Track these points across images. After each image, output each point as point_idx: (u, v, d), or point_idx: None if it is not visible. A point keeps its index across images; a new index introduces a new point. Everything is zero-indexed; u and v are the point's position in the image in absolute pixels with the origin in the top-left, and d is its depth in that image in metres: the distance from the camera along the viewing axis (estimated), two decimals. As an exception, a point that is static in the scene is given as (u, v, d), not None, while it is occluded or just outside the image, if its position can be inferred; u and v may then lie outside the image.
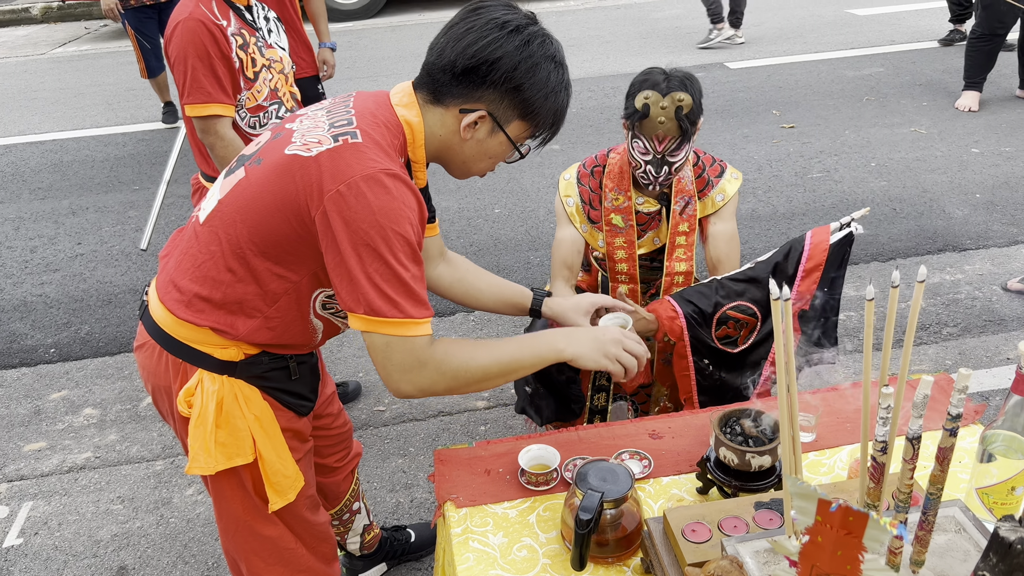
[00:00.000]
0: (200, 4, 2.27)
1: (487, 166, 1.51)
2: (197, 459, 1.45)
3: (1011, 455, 1.34)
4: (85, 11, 10.65)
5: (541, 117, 1.44)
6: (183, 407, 1.45)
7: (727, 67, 6.78)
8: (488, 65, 1.36)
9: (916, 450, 0.95)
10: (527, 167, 5.05)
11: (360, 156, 1.30)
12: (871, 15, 8.09)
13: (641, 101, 2.01)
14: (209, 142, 2.35)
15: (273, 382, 1.51)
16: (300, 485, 1.54)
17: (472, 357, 1.41)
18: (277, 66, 2.47)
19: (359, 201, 1.26)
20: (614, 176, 2.20)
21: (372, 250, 1.27)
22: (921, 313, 3.44)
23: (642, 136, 2.04)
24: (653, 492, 1.54)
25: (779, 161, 4.96)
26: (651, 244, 2.24)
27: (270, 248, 1.37)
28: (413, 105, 1.43)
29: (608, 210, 2.20)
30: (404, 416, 3.06)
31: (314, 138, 1.35)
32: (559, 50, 1.44)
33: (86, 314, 3.84)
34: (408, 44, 8.19)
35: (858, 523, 0.74)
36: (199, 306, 1.42)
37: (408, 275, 1.30)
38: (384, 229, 1.27)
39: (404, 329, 1.31)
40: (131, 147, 5.88)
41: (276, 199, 1.34)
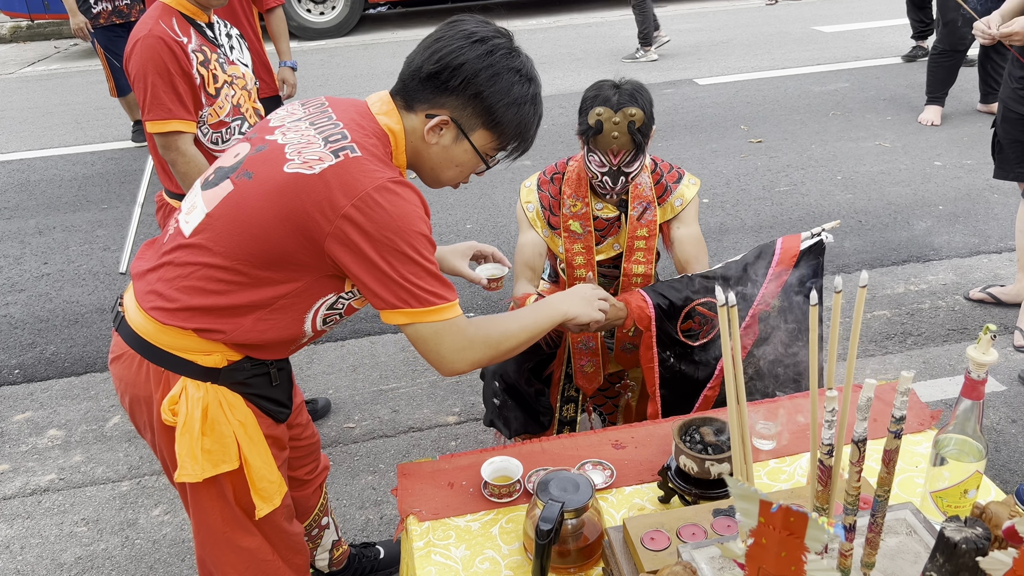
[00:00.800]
0: (160, 21, 2.27)
1: (455, 175, 1.54)
2: (185, 467, 1.45)
3: (963, 459, 1.36)
4: (55, 30, 10.58)
5: (504, 127, 1.47)
6: (167, 415, 1.46)
7: (696, 83, 6.87)
8: (450, 71, 1.41)
9: (862, 453, 0.97)
10: (499, 182, 5.08)
11: (365, 170, 1.36)
12: (837, 32, 8.25)
13: (594, 117, 2.04)
14: (171, 158, 2.34)
15: (255, 388, 1.52)
16: (284, 490, 1.56)
17: (506, 328, 1.54)
18: (240, 82, 2.46)
19: (377, 211, 1.33)
20: (572, 183, 2.23)
21: (400, 253, 1.35)
22: (885, 323, 3.50)
23: (597, 151, 2.07)
24: (615, 502, 1.55)
25: (747, 175, 5.02)
26: (610, 250, 2.27)
27: (268, 263, 1.40)
28: (393, 112, 1.48)
29: (567, 216, 2.23)
30: (374, 433, 3.05)
31: (313, 155, 1.38)
32: (526, 65, 1.47)
33: (52, 334, 3.79)
34: (381, 62, 8.21)
35: (799, 524, 0.75)
36: (186, 313, 1.44)
37: (433, 266, 1.41)
38: (405, 232, 1.35)
39: (447, 312, 1.42)
40: (100, 166, 5.83)
41: (280, 216, 1.37)
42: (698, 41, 8.24)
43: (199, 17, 2.39)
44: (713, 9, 9.94)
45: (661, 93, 6.65)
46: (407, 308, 1.39)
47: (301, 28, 9.28)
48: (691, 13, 9.76)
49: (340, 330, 3.69)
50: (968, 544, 0.97)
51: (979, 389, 1.30)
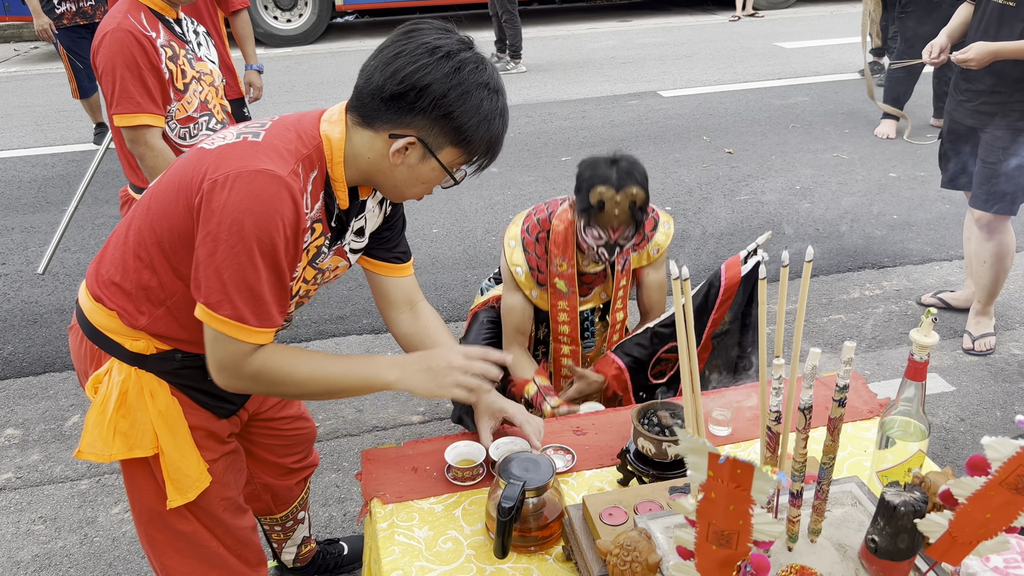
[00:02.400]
0: (128, 15, 2.27)
1: (421, 191, 1.47)
2: (93, 445, 1.44)
3: (907, 439, 1.42)
4: (14, 33, 10.43)
5: (474, 144, 1.39)
6: (90, 392, 1.47)
7: (660, 95, 6.98)
8: (416, 92, 1.32)
9: (808, 420, 1.02)
10: (465, 189, 5.11)
11: (249, 153, 1.29)
12: (797, 48, 8.45)
13: (596, 197, 2.03)
14: (139, 152, 2.34)
15: (185, 379, 1.50)
16: (203, 485, 1.52)
17: (293, 369, 1.39)
18: (207, 78, 2.47)
19: (229, 194, 1.25)
20: (559, 244, 2.23)
21: (227, 245, 1.25)
22: (841, 326, 3.59)
23: (597, 227, 2.08)
24: (576, 485, 1.58)
25: (709, 184, 5.12)
26: (598, 299, 2.35)
27: (168, 237, 1.37)
28: (340, 123, 1.40)
29: (553, 274, 2.26)
30: (338, 431, 3.05)
31: (222, 136, 1.38)
32: (493, 76, 1.39)
33: (9, 334, 3.73)
34: (348, 69, 8.22)
35: (745, 475, 0.80)
36: (111, 290, 1.45)
37: (258, 283, 1.29)
38: (244, 229, 1.25)
39: (235, 331, 1.31)
40: (60, 168, 5.76)
41: (176, 191, 1.36)
42: (663, 54, 8.38)
43: (167, 13, 2.40)
44: (678, 24, 10.12)
45: (626, 104, 6.76)
46: (205, 305, 1.30)
47: (268, 35, 9.26)
48: (656, 27, 9.93)
49: (304, 331, 3.69)
50: (907, 507, 1.02)
51: (922, 371, 1.36)
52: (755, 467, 0.78)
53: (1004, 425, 2.92)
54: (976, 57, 2.82)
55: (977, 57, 2.82)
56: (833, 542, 1.13)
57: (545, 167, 5.45)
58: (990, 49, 2.81)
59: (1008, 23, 2.84)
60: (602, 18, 10.70)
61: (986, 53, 2.81)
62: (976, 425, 2.91)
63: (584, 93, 7.14)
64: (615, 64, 8.10)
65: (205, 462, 1.53)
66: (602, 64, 8.12)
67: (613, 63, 8.15)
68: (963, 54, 2.86)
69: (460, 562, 1.41)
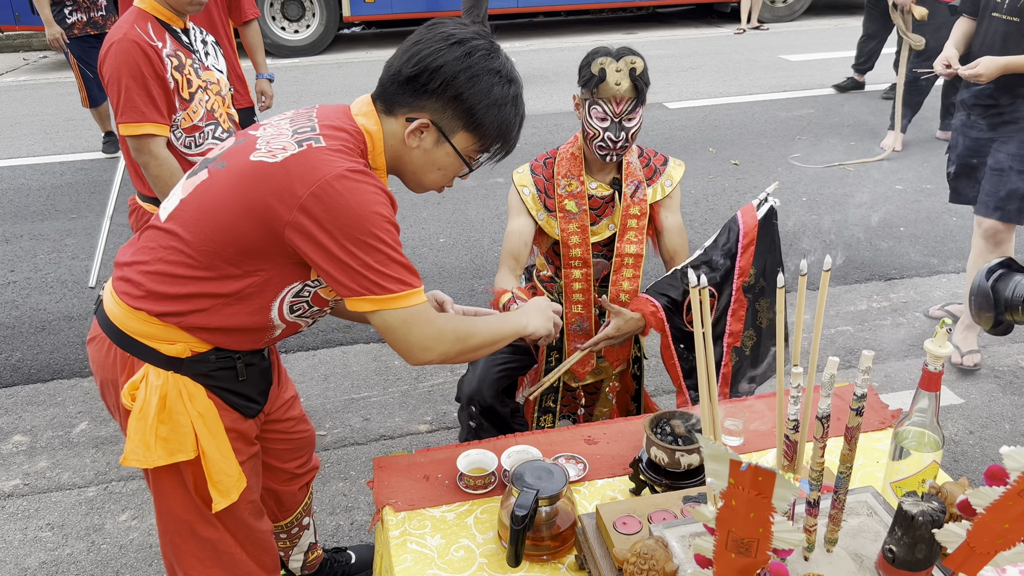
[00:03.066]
0: (135, 25, 2.29)
1: (438, 178, 1.54)
2: (136, 452, 1.45)
3: (922, 449, 1.42)
4: (24, 42, 10.49)
5: (485, 129, 1.46)
6: (127, 399, 1.47)
7: (666, 107, 7.00)
8: (428, 73, 1.41)
9: (826, 429, 1.02)
10: (472, 197, 5.13)
11: (324, 158, 1.36)
12: (803, 60, 8.47)
13: (597, 67, 2.10)
14: (143, 161, 2.35)
15: (219, 381, 1.52)
16: (243, 486, 1.55)
17: (473, 326, 1.54)
18: (214, 87, 2.48)
19: (335, 199, 1.32)
20: (565, 163, 2.28)
21: (360, 241, 1.34)
22: (849, 338, 3.58)
23: (600, 101, 2.12)
24: (588, 494, 1.58)
25: (715, 195, 5.12)
26: (605, 230, 2.32)
27: (233, 250, 1.40)
28: (372, 114, 1.48)
29: (561, 196, 2.27)
30: (345, 440, 3.05)
31: (279, 145, 1.40)
32: (506, 65, 1.47)
33: (18, 341, 3.74)
34: (354, 80, 8.26)
35: (767, 482, 0.80)
36: (153, 298, 1.45)
37: (397, 254, 1.39)
38: (364, 219, 1.34)
39: (411, 299, 1.41)
40: (69, 176, 5.78)
41: (242, 204, 1.37)
42: (668, 67, 8.40)
43: (175, 23, 2.41)
44: (683, 36, 10.15)
45: (632, 115, 6.76)
46: (370, 295, 1.38)
47: (276, 46, 9.30)
48: (661, 40, 9.96)
49: (312, 339, 3.70)
50: (925, 517, 1.02)
51: (936, 381, 1.36)
52: (777, 474, 0.78)
53: (1013, 438, 2.91)
54: (986, 72, 2.86)
55: (987, 72, 2.86)
56: (849, 552, 1.13)
57: (551, 178, 5.45)
58: (999, 64, 2.85)
59: (1013, 38, 2.88)
60: (608, 30, 10.74)
61: (996, 67, 2.85)
62: (985, 438, 2.90)
63: (590, 104, 7.15)
64: (621, 76, 8.12)
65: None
66: (608, 76, 8.15)
67: (619, 75, 8.17)
68: (972, 69, 2.89)
69: (472, 570, 1.40)
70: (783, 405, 1.06)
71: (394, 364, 3.51)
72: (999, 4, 2.91)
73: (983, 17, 2.99)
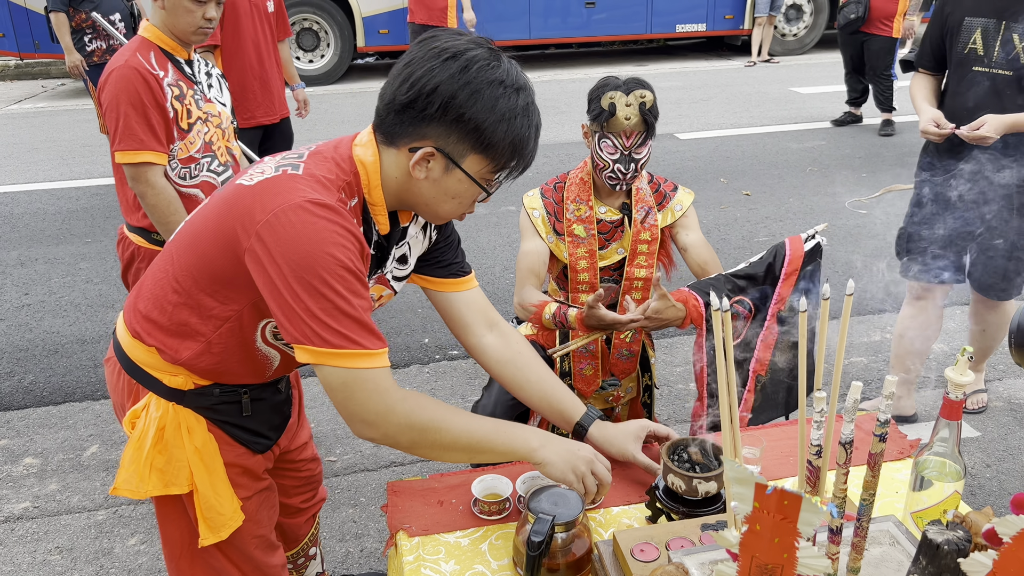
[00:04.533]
0: (137, 53, 2.29)
1: (453, 208, 1.39)
2: (129, 482, 1.42)
3: (943, 479, 1.40)
4: (43, 70, 10.66)
5: (496, 147, 1.31)
6: (127, 427, 1.45)
7: (677, 137, 7.04)
8: (425, 97, 1.26)
9: (849, 455, 1.01)
10: (483, 226, 5.15)
11: (290, 186, 1.25)
12: (813, 93, 8.52)
13: (607, 101, 2.13)
14: (140, 190, 2.33)
15: (223, 415, 1.48)
16: (236, 524, 1.49)
17: (444, 419, 1.35)
18: (215, 120, 2.47)
19: (286, 231, 1.21)
20: (575, 188, 2.30)
21: (305, 282, 1.20)
22: (863, 369, 3.56)
23: (610, 134, 2.15)
24: (603, 521, 1.57)
25: (727, 225, 5.13)
26: (614, 255, 2.33)
27: (206, 278, 1.34)
28: (371, 145, 1.36)
29: (570, 221, 2.29)
30: (356, 467, 3.04)
31: (259, 169, 1.33)
32: (510, 73, 1.30)
33: (30, 364, 3.75)
34: (368, 109, 8.34)
35: (793, 506, 0.79)
36: (148, 326, 1.43)
37: (348, 306, 1.23)
38: (313, 259, 1.20)
39: (360, 360, 1.24)
40: (84, 201, 5.84)
41: (215, 229, 1.32)
42: (679, 98, 8.47)
43: (178, 53, 2.41)
44: (694, 69, 10.24)
45: (643, 146, 6.80)
46: (309, 345, 1.23)
47: (290, 74, 9.43)
48: (672, 72, 10.04)
49: (323, 365, 3.69)
50: (950, 546, 1.00)
51: (957, 409, 1.34)
52: (804, 498, 0.77)
53: (1031, 472, 2.88)
54: (994, 132, 2.50)
55: (996, 132, 2.51)
56: (872, 582, 1.11)
57: (563, 206, 5.48)
58: (1007, 122, 2.51)
59: (1007, 92, 2.59)
60: (619, 62, 10.84)
61: (1003, 126, 2.51)
62: (1003, 472, 2.86)
63: (601, 135, 7.20)
64: (632, 107, 8.18)
65: (239, 500, 1.51)
66: (619, 107, 8.21)
67: (630, 106, 8.23)
68: (976, 130, 2.52)
69: (487, 597, 1.39)
70: (805, 431, 1.05)
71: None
72: (981, 58, 2.60)
73: (961, 73, 2.67)
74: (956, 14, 2.65)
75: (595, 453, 1.50)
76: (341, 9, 9.47)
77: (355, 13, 9.51)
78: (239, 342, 1.41)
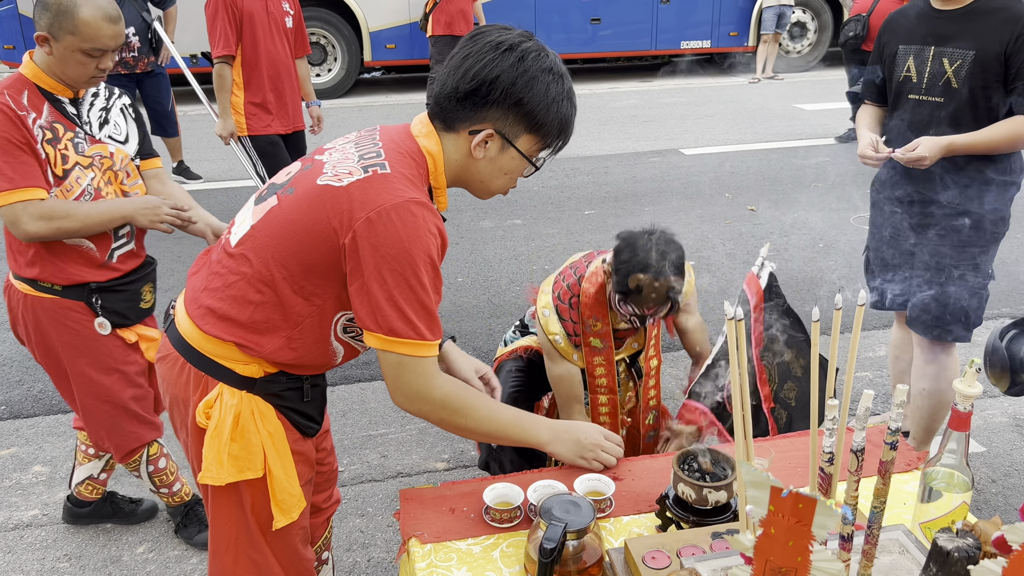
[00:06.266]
0: (6, 91, 2.11)
1: (505, 183, 1.57)
2: (210, 469, 1.49)
3: (951, 490, 1.41)
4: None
5: (547, 127, 1.50)
6: (201, 418, 1.50)
7: (682, 152, 7.08)
8: (487, 85, 1.43)
9: (860, 462, 1.02)
10: (490, 239, 5.18)
11: (389, 186, 1.39)
12: (818, 110, 8.56)
13: (635, 283, 2.10)
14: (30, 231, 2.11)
15: (287, 401, 1.56)
16: (303, 506, 1.58)
17: (472, 406, 1.54)
18: (104, 162, 2.25)
19: (387, 228, 1.36)
20: (591, 306, 2.29)
21: (398, 274, 1.36)
22: (867, 383, 3.58)
23: (631, 304, 2.16)
24: (614, 530, 1.58)
25: (732, 240, 5.15)
26: (630, 349, 2.41)
27: (298, 273, 1.44)
28: (432, 135, 1.51)
29: (588, 334, 2.31)
30: (362, 477, 3.05)
31: (345, 169, 1.44)
32: (555, 62, 1.50)
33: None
34: (373, 122, 8.36)
35: (807, 509, 0.80)
36: (225, 324, 1.49)
37: (428, 300, 1.41)
38: (411, 254, 1.37)
39: (417, 349, 1.42)
40: (94, 211, 5.88)
41: (307, 226, 1.42)
42: (684, 114, 8.52)
43: (61, 92, 2.20)
44: (699, 85, 10.30)
45: (648, 161, 6.85)
46: (379, 333, 1.41)
47: (297, 88, 9.50)
48: (677, 88, 10.10)
49: (331, 375, 3.71)
50: (960, 553, 1.02)
51: (966, 421, 1.36)
52: (819, 501, 0.79)
53: (1037, 487, 2.88)
54: (929, 154, 2.41)
55: (931, 154, 2.41)
56: (882, 589, 1.13)
57: (568, 220, 5.51)
58: (942, 144, 2.43)
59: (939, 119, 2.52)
60: (624, 78, 10.91)
61: (938, 148, 2.43)
62: (1008, 487, 2.87)
63: (607, 150, 7.26)
64: (637, 122, 8.23)
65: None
66: (624, 122, 8.26)
67: (635, 121, 8.28)
68: (912, 152, 2.44)
69: (499, 604, 1.40)
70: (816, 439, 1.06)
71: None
72: (915, 85, 2.57)
73: (899, 101, 2.64)
74: (891, 44, 2.64)
75: (603, 432, 1.72)
76: (348, 24, 9.56)
77: (362, 28, 9.59)
78: (317, 338, 1.51)
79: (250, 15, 4.05)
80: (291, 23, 4.28)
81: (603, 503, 1.63)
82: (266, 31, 4.11)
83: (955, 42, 2.47)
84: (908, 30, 2.60)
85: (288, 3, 4.30)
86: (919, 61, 2.56)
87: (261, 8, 4.11)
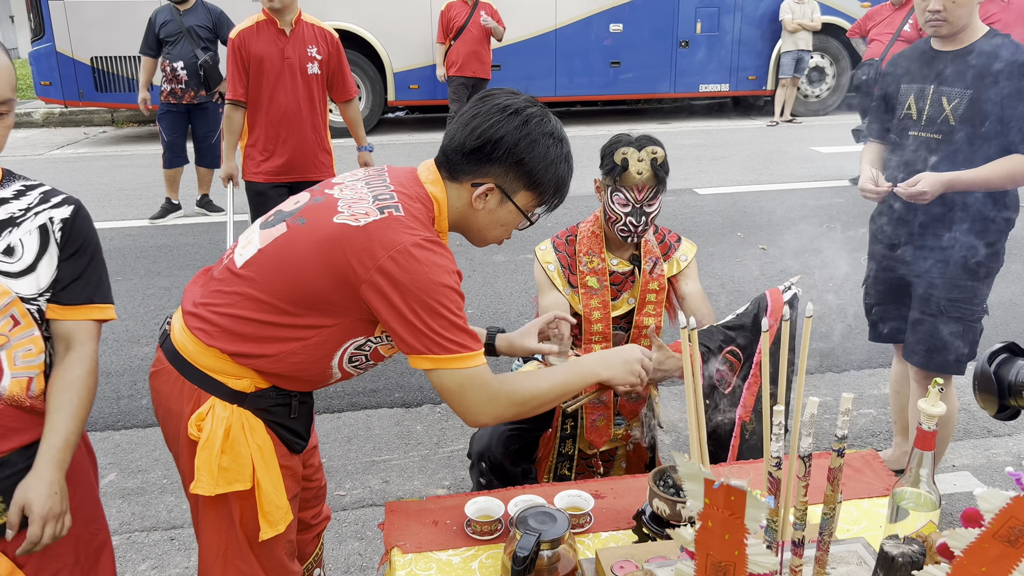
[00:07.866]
0: None
1: (501, 234, 1.70)
2: (201, 480, 1.55)
3: (919, 509, 1.44)
4: (85, 118, 11.07)
5: (544, 186, 1.63)
6: (193, 430, 1.57)
7: (696, 192, 7.15)
8: (492, 144, 1.57)
9: (808, 468, 1.06)
10: (501, 272, 5.25)
11: (405, 227, 1.51)
12: (835, 153, 8.61)
13: (620, 156, 2.25)
14: None
15: (275, 416, 1.63)
16: (291, 519, 1.63)
17: (535, 385, 1.64)
18: None
19: (411, 264, 1.47)
20: (586, 242, 2.41)
21: (428, 306, 1.48)
22: (871, 420, 3.58)
23: (622, 188, 2.26)
24: (592, 545, 1.61)
25: (743, 278, 5.19)
26: (625, 305, 2.42)
27: (306, 302, 1.54)
28: (438, 182, 1.63)
29: (583, 273, 2.38)
30: (364, 501, 3.09)
31: (361, 210, 1.54)
32: (557, 127, 1.64)
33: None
34: (396, 161, 8.55)
35: (739, 501, 0.85)
36: (226, 337, 1.57)
37: (460, 320, 1.53)
38: (435, 285, 1.48)
39: (469, 361, 1.53)
40: (118, 241, 6.04)
41: (323, 262, 1.51)
42: (699, 155, 8.60)
43: None
44: (716, 127, 10.40)
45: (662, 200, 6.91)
46: (430, 355, 1.51)
47: (321, 126, 9.73)
48: (694, 130, 10.21)
49: (337, 402, 3.77)
50: (904, 558, 1.05)
51: (930, 440, 1.39)
52: (747, 492, 0.83)
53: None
54: (930, 189, 2.45)
55: (931, 189, 2.45)
56: (836, 597, 1.16)
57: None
58: (942, 179, 2.47)
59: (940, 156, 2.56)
60: (642, 120, 11.04)
61: (938, 183, 2.46)
62: (1009, 525, 2.85)
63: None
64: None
65: None
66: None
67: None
68: (913, 187, 2.48)
69: (474, 612, 1.44)
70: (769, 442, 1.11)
71: (416, 429, 3.56)
72: (916, 122, 2.62)
73: (900, 139, 2.68)
74: (894, 82, 2.73)
75: (641, 351, 1.80)
76: (374, 65, 9.79)
77: (387, 69, 9.82)
78: (316, 358, 1.60)
79: (259, 60, 3.91)
80: (317, 68, 4.04)
81: (582, 518, 1.67)
82: (277, 77, 3.96)
83: (954, 82, 2.55)
84: (910, 70, 2.70)
85: (318, 48, 4.04)
86: (919, 99, 2.64)
87: (276, 53, 3.94)
